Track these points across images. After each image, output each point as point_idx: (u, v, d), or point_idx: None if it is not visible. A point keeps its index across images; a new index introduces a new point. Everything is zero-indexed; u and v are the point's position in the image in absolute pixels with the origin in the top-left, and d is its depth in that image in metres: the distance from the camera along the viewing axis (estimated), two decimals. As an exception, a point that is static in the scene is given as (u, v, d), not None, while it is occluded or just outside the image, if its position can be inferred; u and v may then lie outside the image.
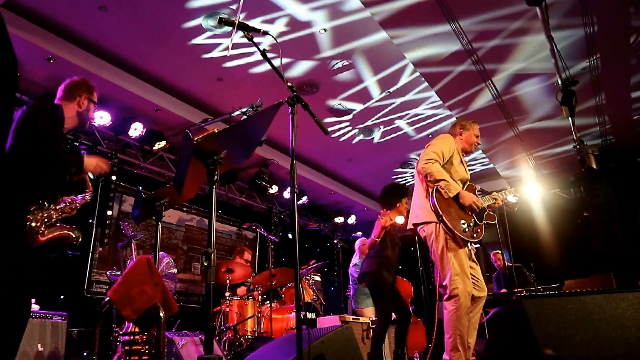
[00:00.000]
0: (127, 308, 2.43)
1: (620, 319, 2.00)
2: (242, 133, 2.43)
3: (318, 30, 5.43)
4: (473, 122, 4.14)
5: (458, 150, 3.97)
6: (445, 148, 3.81)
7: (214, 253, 2.17)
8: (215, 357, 2.08)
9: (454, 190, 3.63)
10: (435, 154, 3.73)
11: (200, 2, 5.00)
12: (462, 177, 3.88)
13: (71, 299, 6.10)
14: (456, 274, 3.49)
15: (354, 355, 2.84)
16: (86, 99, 2.96)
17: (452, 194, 3.63)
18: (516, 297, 2.08)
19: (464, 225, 3.62)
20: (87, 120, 3.01)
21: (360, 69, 6.18)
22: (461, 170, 3.89)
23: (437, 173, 3.65)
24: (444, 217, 3.57)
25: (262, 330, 5.53)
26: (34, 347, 3.18)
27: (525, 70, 5.98)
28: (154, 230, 3.65)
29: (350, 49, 5.75)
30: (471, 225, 3.65)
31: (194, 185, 2.72)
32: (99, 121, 6.09)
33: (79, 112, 2.94)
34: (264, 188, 8.30)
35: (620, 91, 6.57)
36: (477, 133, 4.11)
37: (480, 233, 3.70)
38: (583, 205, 9.20)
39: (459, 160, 3.94)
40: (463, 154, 4.07)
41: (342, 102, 6.96)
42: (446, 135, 3.99)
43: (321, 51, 5.80)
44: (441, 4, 4.78)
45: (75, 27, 5.31)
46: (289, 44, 5.61)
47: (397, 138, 8.19)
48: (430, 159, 3.70)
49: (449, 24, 5.07)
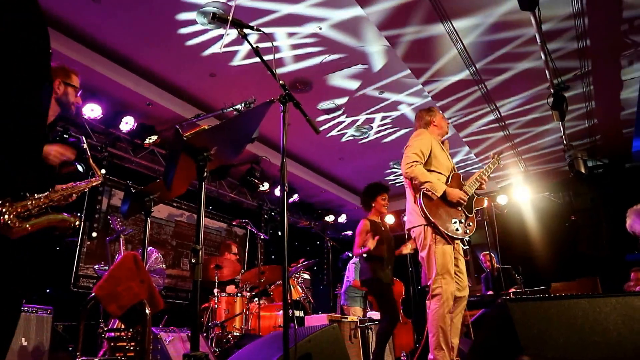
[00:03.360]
0: (112, 304, 2.42)
1: (604, 323, 2.02)
2: (233, 130, 2.43)
3: (313, 28, 5.43)
4: (434, 108, 4.21)
5: (436, 140, 3.95)
6: (423, 145, 3.79)
7: (202, 250, 2.16)
8: (200, 354, 2.08)
9: (439, 190, 3.63)
10: (415, 155, 3.73)
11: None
12: (447, 166, 3.87)
13: (58, 293, 6.05)
14: (440, 274, 3.50)
15: (340, 354, 2.84)
16: (62, 83, 2.86)
17: (439, 194, 3.62)
18: (501, 300, 2.09)
19: (455, 225, 3.61)
20: (68, 105, 2.90)
21: (354, 67, 6.19)
22: (444, 160, 3.88)
23: (421, 175, 3.65)
24: (434, 221, 3.57)
25: (250, 328, 5.53)
26: (18, 342, 3.15)
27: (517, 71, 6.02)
28: (143, 225, 3.63)
29: (343, 45, 5.76)
30: (462, 221, 3.65)
31: (183, 181, 2.71)
32: (90, 114, 6.04)
33: (57, 98, 2.85)
34: (255, 185, 8.28)
35: (610, 97, 6.63)
36: (442, 115, 4.18)
37: (473, 226, 3.70)
38: (571, 209, 9.29)
39: (440, 149, 3.92)
40: (439, 138, 4.05)
41: (334, 100, 6.96)
42: (420, 131, 3.96)
43: (316, 49, 5.80)
44: (435, 6, 4.80)
45: (67, 19, 5.26)
46: (283, 41, 5.62)
47: (390, 136, 8.20)
48: (411, 162, 3.70)
49: (441, 23, 5.10)
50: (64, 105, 2.88)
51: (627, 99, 6.61)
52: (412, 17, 5.03)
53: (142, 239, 3.67)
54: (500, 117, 7.04)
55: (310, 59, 5.97)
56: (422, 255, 3.68)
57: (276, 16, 5.23)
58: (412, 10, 4.93)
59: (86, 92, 6.08)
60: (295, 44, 5.69)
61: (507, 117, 7.11)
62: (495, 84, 6.25)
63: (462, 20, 5.07)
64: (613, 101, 6.72)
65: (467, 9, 4.93)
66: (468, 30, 5.23)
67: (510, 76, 6.08)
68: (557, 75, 5.50)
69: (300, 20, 5.30)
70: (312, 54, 5.88)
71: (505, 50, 5.57)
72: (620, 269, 7.77)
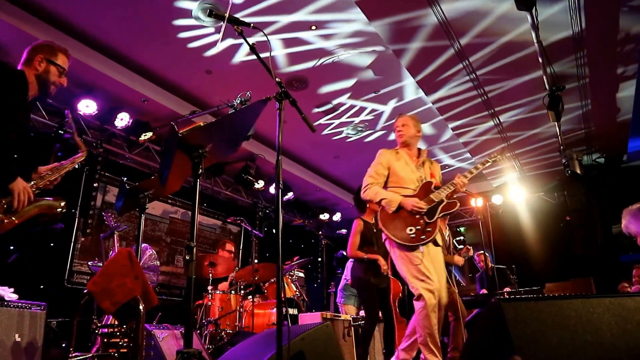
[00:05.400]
0: (106, 300, 2.41)
1: (596, 323, 2.03)
2: (229, 127, 2.42)
3: (309, 27, 5.43)
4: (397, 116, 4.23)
5: (399, 155, 4.02)
6: (378, 167, 3.97)
7: (196, 247, 2.16)
8: (194, 351, 2.08)
9: (394, 204, 3.76)
10: (370, 177, 3.93)
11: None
12: (410, 178, 3.91)
13: (51, 289, 6.02)
14: (414, 277, 3.60)
15: (333, 352, 2.84)
16: (44, 60, 2.71)
17: (394, 207, 3.75)
18: (495, 300, 2.10)
19: (411, 232, 3.69)
20: (48, 85, 2.74)
21: (348, 66, 6.18)
22: (407, 173, 3.93)
23: (375, 195, 3.84)
24: (386, 232, 3.76)
25: (244, 325, 5.52)
26: (12, 337, 3.12)
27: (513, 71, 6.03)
28: (137, 222, 3.62)
29: (340, 45, 5.75)
30: (420, 228, 3.71)
31: (178, 178, 2.70)
32: (85, 110, 6.01)
33: (37, 75, 2.69)
34: (250, 182, 8.27)
35: (606, 98, 6.65)
36: (396, 124, 4.15)
37: (431, 232, 3.71)
38: (566, 210, 9.32)
39: (404, 163, 3.97)
40: (407, 149, 4.07)
41: (332, 101, 6.95)
42: (379, 152, 4.10)
43: (311, 48, 5.79)
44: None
45: (62, 14, 5.22)
46: (279, 38, 5.60)
47: (385, 135, 8.21)
48: (366, 185, 3.92)
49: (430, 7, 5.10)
50: (43, 85, 2.73)
51: (623, 99, 6.63)
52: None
53: (136, 235, 3.67)
54: (493, 111, 7.05)
55: (308, 57, 5.96)
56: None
57: (275, 17, 5.23)
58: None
59: (81, 88, 6.05)
60: (292, 42, 5.69)
61: (502, 115, 7.12)
62: (493, 88, 6.27)
63: (457, 19, 5.08)
64: (609, 102, 6.74)
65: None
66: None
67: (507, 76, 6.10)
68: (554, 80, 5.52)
69: (298, 19, 5.30)
70: (310, 53, 5.88)
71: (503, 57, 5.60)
72: (615, 269, 7.81)
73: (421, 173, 3.95)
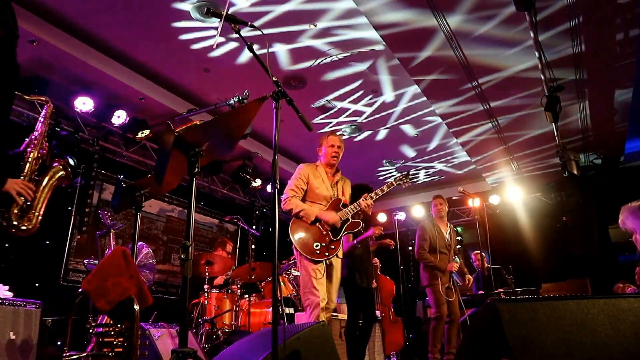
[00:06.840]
0: (100, 299, 2.40)
1: (591, 324, 2.04)
2: (225, 126, 2.41)
3: (308, 25, 5.42)
4: (328, 134, 4.44)
5: (317, 172, 4.29)
6: (297, 181, 4.22)
7: (192, 246, 2.15)
8: (189, 350, 2.07)
9: (312, 216, 4.02)
10: (291, 190, 4.17)
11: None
12: (325, 195, 4.19)
13: (47, 287, 6.00)
14: (308, 289, 3.87)
15: (329, 352, 2.84)
16: None
17: (312, 219, 4.01)
18: (490, 300, 2.10)
19: (317, 247, 3.95)
20: None
21: (347, 65, 6.18)
22: (322, 191, 4.20)
23: (295, 207, 4.07)
24: (296, 244, 3.99)
25: (240, 324, 5.52)
26: (6, 335, 3.11)
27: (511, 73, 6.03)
28: (133, 220, 3.61)
29: (339, 44, 5.75)
30: (324, 245, 3.97)
31: (175, 176, 2.69)
32: (82, 107, 5.99)
33: None
34: (247, 181, 8.26)
35: (604, 99, 6.65)
36: (332, 143, 4.35)
37: (334, 249, 3.98)
38: (563, 210, 9.33)
39: (321, 180, 4.24)
40: (328, 168, 4.34)
41: (329, 98, 6.95)
42: (299, 167, 4.33)
43: (310, 46, 5.78)
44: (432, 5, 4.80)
45: (60, 11, 5.20)
46: (277, 37, 5.59)
47: (383, 135, 8.20)
48: (285, 198, 4.14)
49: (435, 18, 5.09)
50: None
51: (620, 100, 6.64)
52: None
53: (132, 233, 3.65)
54: (490, 112, 7.05)
55: (306, 56, 5.95)
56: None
57: (272, 16, 5.22)
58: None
59: (78, 85, 6.04)
60: (290, 40, 5.68)
61: (499, 115, 7.13)
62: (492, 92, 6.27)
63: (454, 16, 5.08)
64: (606, 102, 6.75)
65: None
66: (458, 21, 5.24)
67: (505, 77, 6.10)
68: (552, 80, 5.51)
69: (296, 17, 5.29)
70: (308, 51, 5.87)
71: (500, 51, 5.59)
72: (611, 270, 7.83)
73: (334, 191, 4.27)
